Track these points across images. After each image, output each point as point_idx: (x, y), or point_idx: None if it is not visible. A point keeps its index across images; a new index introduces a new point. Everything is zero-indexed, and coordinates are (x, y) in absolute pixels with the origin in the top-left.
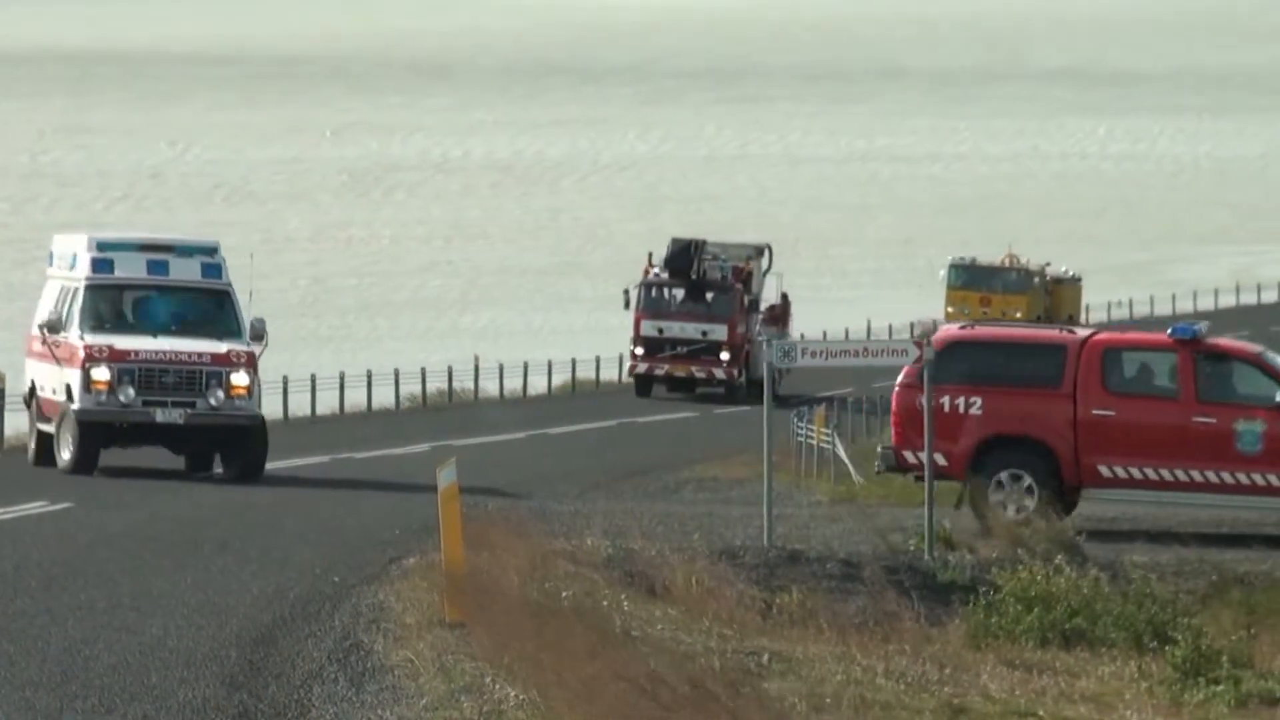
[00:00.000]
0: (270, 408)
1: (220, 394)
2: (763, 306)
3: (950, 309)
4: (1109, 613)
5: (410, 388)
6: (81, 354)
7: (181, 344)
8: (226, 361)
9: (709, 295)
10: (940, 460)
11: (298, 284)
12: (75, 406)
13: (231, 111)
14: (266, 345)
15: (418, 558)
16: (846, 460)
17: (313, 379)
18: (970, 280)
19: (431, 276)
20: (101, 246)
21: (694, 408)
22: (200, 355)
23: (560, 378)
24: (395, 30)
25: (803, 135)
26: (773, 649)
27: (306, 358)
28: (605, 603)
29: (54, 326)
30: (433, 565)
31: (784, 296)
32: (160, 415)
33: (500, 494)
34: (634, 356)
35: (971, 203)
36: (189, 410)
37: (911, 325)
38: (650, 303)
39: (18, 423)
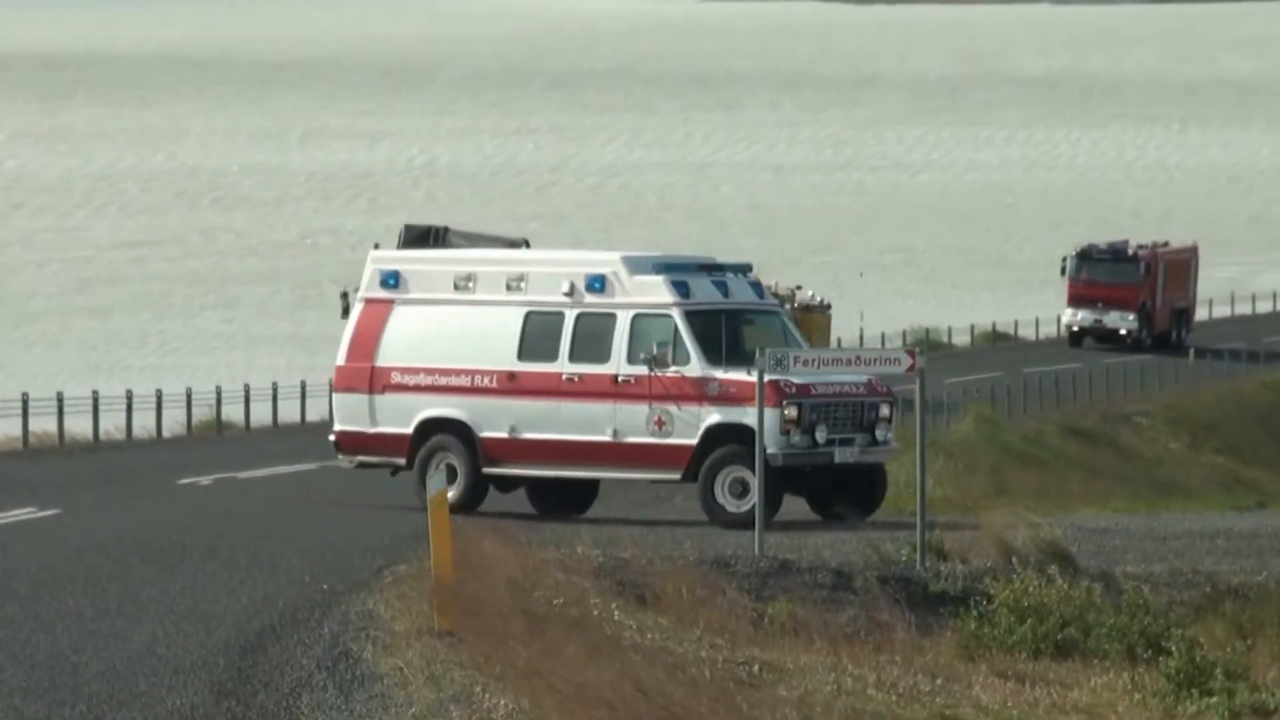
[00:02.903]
0: (260, 413)
1: (887, 428)
2: None
3: None
4: (1102, 624)
5: None
6: (769, 390)
7: (838, 375)
8: (875, 392)
9: None
10: None
11: (279, 290)
12: (769, 450)
13: (206, 116)
14: None
15: (407, 565)
16: None
17: (302, 385)
18: None
19: None
20: (669, 268)
21: None
22: (858, 387)
23: None
24: (370, 36)
25: (784, 144)
26: (764, 659)
27: (300, 363)
28: (596, 612)
29: (661, 361)
30: (422, 573)
31: None
32: (839, 455)
33: (491, 502)
34: None
35: (953, 211)
36: (853, 447)
37: (904, 334)
38: None
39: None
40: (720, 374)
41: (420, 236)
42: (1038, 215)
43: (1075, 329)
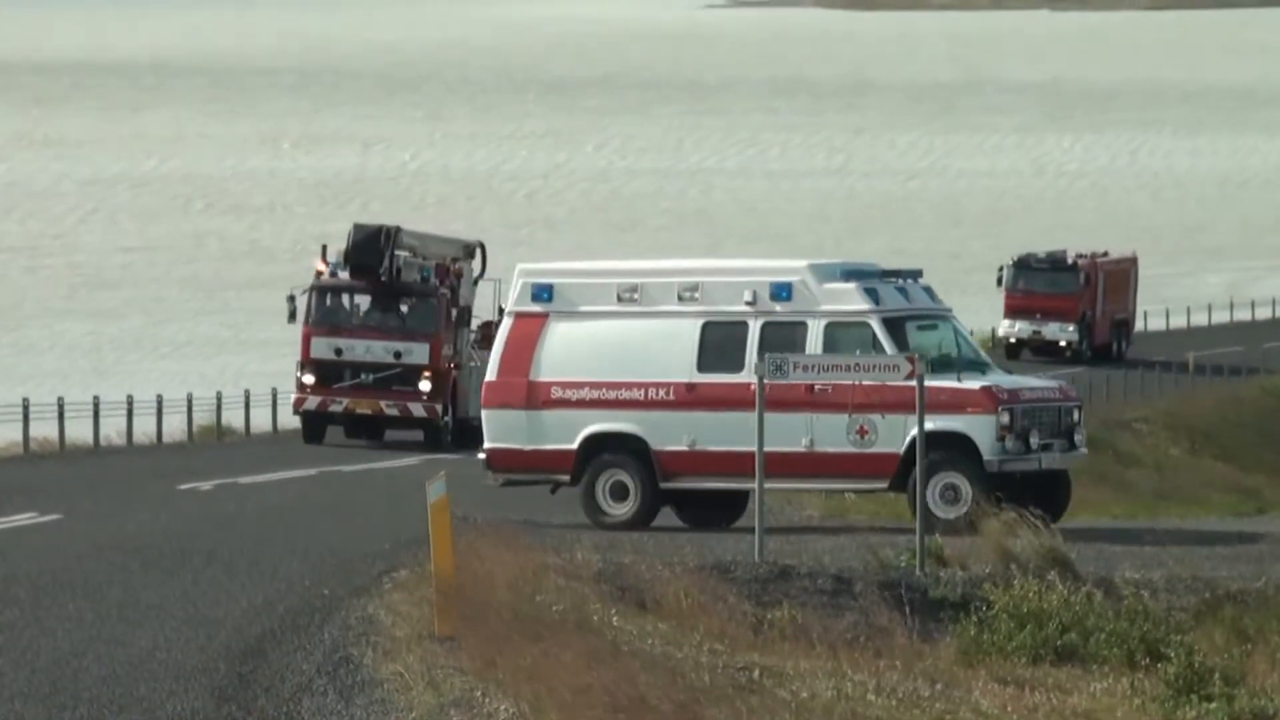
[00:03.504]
0: (260, 419)
1: (1081, 433)
2: (475, 323)
3: None
4: (1101, 629)
5: None
6: (984, 397)
7: (1030, 379)
8: (1067, 397)
9: (404, 303)
10: None
11: (274, 296)
12: (986, 457)
13: (199, 122)
14: None
15: (408, 570)
16: None
17: None
18: None
19: None
20: (858, 275)
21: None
22: (1053, 392)
23: None
24: (364, 42)
25: (778, 150)
26: (764, 664)
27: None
28: (596, 617)
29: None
30: (423, 578)
31: (502, 312)
32: (1044, 460)
33: (491, 508)
34: (301, 387)
35: (949, 217)
36: (1054, 452)
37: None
38: (325, 314)
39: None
40: (929, 381)
41: (371, 236)
42: (1034, 221)
43: (1012, 340)
